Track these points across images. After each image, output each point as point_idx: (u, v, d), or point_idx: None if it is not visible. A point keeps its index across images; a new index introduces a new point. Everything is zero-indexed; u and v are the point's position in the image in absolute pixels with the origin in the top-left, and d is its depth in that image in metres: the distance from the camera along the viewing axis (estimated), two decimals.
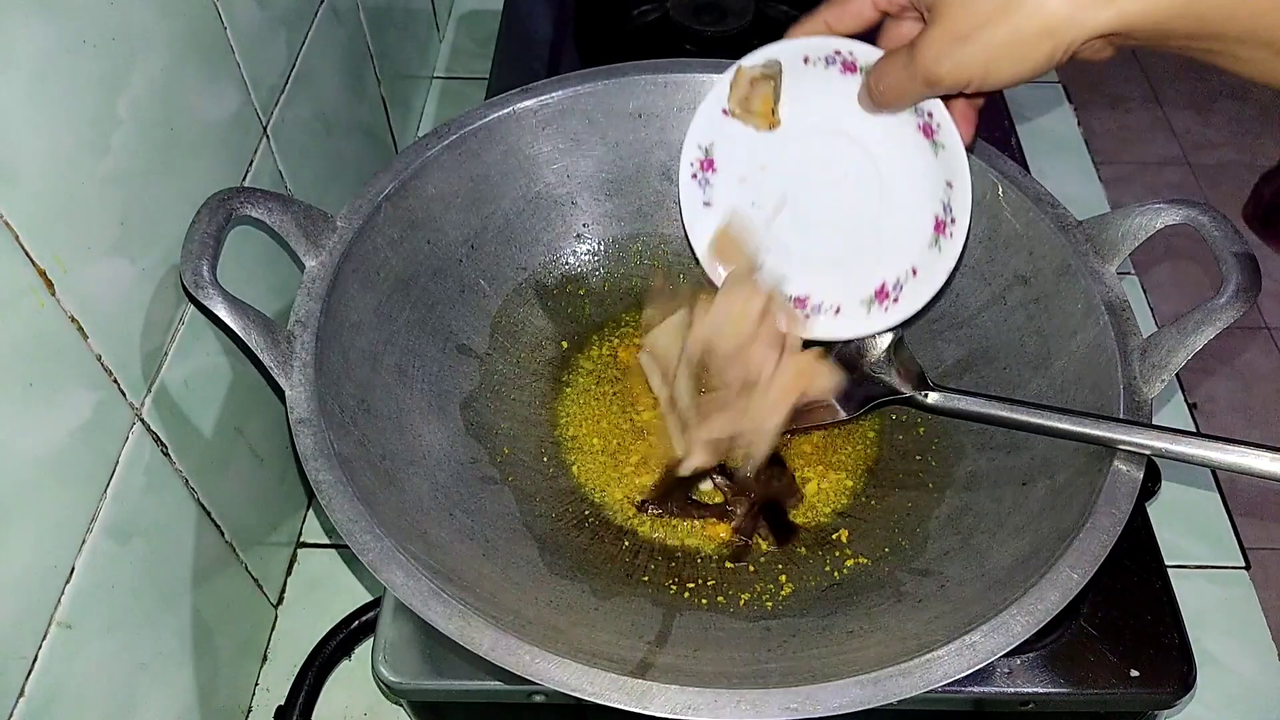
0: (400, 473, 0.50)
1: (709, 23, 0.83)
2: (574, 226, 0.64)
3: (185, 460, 0.48)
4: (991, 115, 0.78)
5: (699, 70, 0.62)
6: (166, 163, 0.46)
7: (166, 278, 0.46)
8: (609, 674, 0.40)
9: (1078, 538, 0.43)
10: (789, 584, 0.51)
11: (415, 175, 0.57)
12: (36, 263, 0.37)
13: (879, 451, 0.58)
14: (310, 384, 0.47)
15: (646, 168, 0.64)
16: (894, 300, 0.54)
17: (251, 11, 0.54)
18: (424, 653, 0.49)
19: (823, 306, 0.57)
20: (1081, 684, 0.49)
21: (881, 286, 0.55)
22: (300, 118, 0.61)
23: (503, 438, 0.57)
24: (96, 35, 0.40)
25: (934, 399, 0.53)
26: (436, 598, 0.42)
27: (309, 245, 0.52)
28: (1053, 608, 0.41)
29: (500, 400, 0.59)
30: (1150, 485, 0.61)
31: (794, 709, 0.39)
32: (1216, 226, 0.51)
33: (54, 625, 0.39)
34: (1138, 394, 0.49)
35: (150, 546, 0.45)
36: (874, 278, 0.55)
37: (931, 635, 0.42)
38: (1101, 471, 0.46)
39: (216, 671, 0.52)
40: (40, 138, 0.37)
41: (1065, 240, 0.54)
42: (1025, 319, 0.56)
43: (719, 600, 0.51)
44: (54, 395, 0.39)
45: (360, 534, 0.43)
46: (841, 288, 0.56)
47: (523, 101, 0.61)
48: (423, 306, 0.57)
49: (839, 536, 0.54)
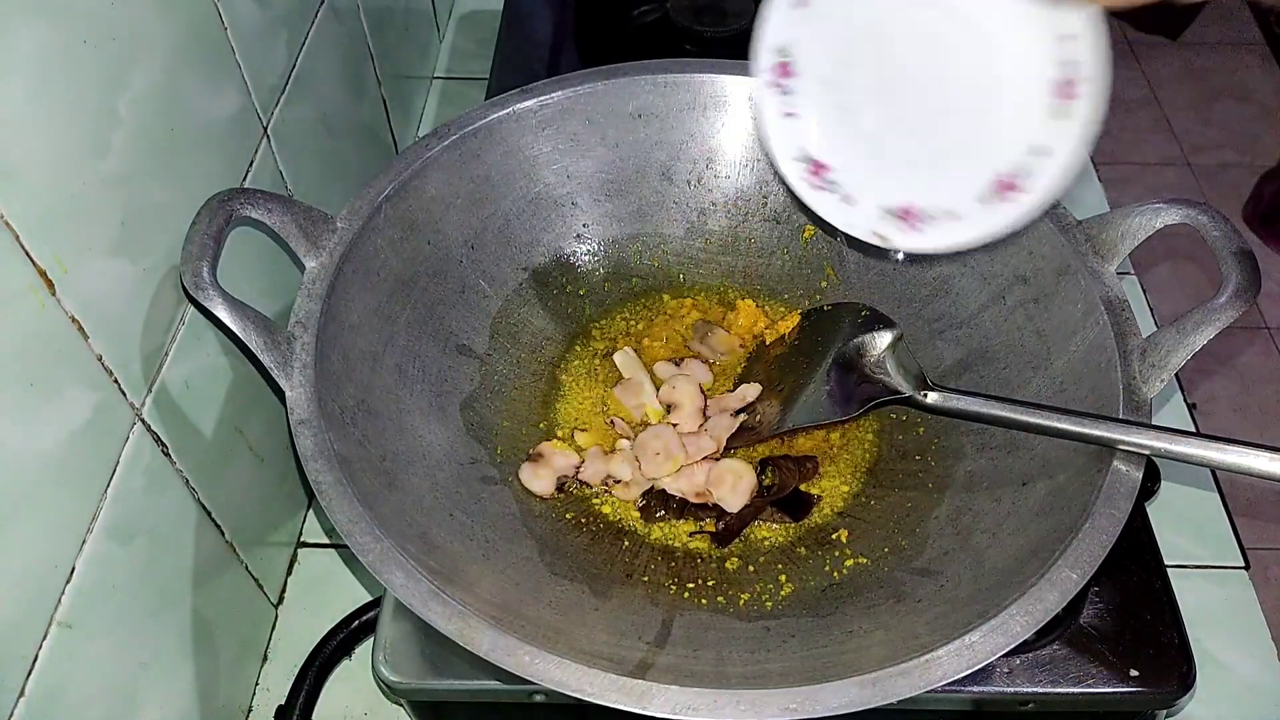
0: (400, 473, 0.50)
1: (709, 23, 0.83)
2: (574, 227, 0.64)
3: (185, 460, 0.48)
4: None
5: (699, 70, 0.62)
6: (167, 163, 0.46)
7: (167, 278, 0.46)
8: (608, 674, 0.40)
9: (1077, 538, 0.43)
10: (789, 584, 0.51)
11: (415, 176, 0.57)
12: (37, 263, 0.37)
13: (879, 451, 0.58)
14: (310, 385, 0.47)
15: (646, 168, 0.64)
16: (1020, 189, 0.48)
17: (252, 12, 0.54)
18: (424, 653, 0.49)
19: (935, 213, 0.51)
20: (1081, 684, 0.49)
21: (1000, 177, 0.48)
22: (300, 118, 0.61)
23: (503, 438, 0.57)
24: (96, 35, 0.40)
25: (933, 399, 0.53)
26: (436, 598, 0.42)
27: (309, 246, 0.52)
28: (1052, 608, 0.41)
29: (500, 400, 0.59)
30: (1150, 485, 0.61)
31: (793, 709, 0.39)
32: (1216, 226, 0.51)
33: (54, 625, 0.39)
34: (1137, 394, 0.49)
35: (150, 546, 0.46)
36: (989, 167, 0.49)
37: (931, 635, 0.42)
38: (1101, 472, 0.46)
39: (216, 671, 0.52)
40: (41, 138, 0.37)
41: (1065, 240, 0.54)
42: (1025, 319, 0.56)
43: (719, 600, 0.51)
44: (54, 395, 0.39)
45: (360, 535, 0.43)
46: (953, 187, 0.51)
47: (523, 102, 0.61)
48: (423, 307, 0.57)
49: (839, 536, 0.54)
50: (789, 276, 0.65)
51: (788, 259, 0.65)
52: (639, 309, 0.65)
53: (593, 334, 0.64)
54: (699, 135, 0.64)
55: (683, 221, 0.65)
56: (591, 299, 0.64)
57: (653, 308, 0.65)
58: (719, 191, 0.65)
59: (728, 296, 0.65)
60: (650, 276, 0.66)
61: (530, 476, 0.55)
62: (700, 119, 0.63)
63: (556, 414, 0.60)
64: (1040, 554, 0.44)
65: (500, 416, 0.58)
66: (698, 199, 0.65)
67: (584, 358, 0.62)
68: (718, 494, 0.55)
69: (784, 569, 0.52)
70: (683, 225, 0.66)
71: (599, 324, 0.64)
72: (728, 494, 0.55)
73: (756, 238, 0.65)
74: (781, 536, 0.54)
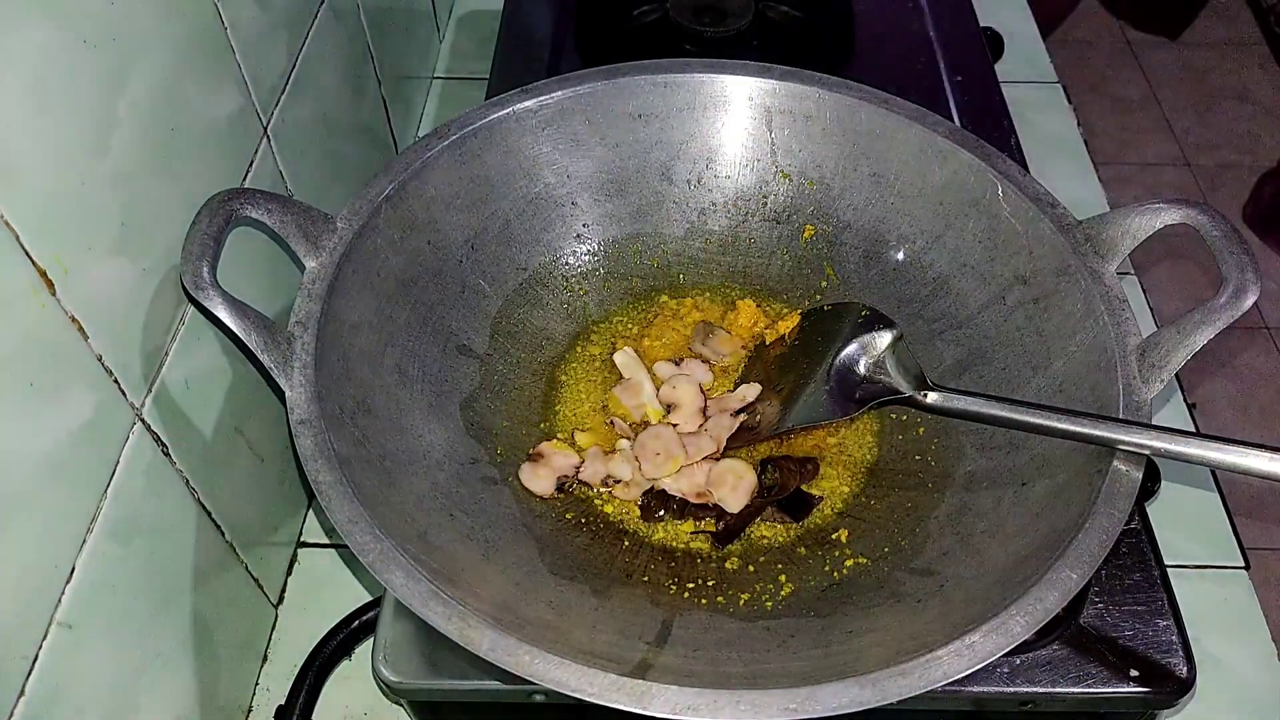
0: (400, 473, 0.50)
1: (709, 23, 0.83)
2: (574, 227, 0.64)
3: (185, 460, 0.48)
4: (991, 115, 0.78)
5: (699, 70, 0.62)
6: (167, 163, 0.46)
7: (167, 278, 0.46)
8: (608, 674, 0.40)
9: (1077, 538, 0.43)
10: (789, 584, 0.51)
11: (415, 176, 0.57)
12: (37, 263, 0.37)
13: (879, 452, 0.58)
14: (310, 385, 0.47)
15: (646, 168, 0.64)
16: None
17: (252, 12, 0.54)
18: (424, 653, 0.49)
19: None
20: (1081, 684, 0.49)
21: None
22: (301, 118, 0.61)
23: (503, 438, 0.57)
24: (96, 35, 0.40)
25: (933, 399, 0.53)
26: (436, 598, 0.42)
27: (309, 246, 0.52)
28: (1052, 608, 0.41)
29: (500, 400, 0.59)
30: (1150, 485, 0.61)
31: (793, 709, 0.39)
32: (1216, 226, 0.51)
33: (54, 625, 0.39)
34: (1137, 394, 0.49)
35: (151, 546, 0.46)
36: None
37: (931, 635, 0.42)
38: (1101, 472, 0.46)
39: (216, 671, 0.52)
40: (40, 138, 0.37)
41: (1065, 240, 0.54)
42: (1025, 319, 0.56)
43: (719, 600, 0.51)
44: (54, 395, 0.39)
45: (360, 535, 0.43)
46: None
47: (523, 102, 0.61)
48: (423, 307, 0.57)
49: (839, 536, 0.54)
50: (789, 276, 0.65)
51: (788, 259, 0.65)
52: (639, 309, 0.65)
53: (593, 334, 0.64)
54: (699, 135, 0.64)
55: (683, 221, 0.66)
56: (591, 299, 0.64)
57: (653, 308, 0.65)
58: (719, 191, 0.65)
59: (728, 296, 0.65)
60: (650, 276, 0.66)
61: (530, 476, 0.55)
62: (700, 119, 0.64)
63: (556, 414, 0.60)
64: (1040, 554, 0.44)
65: (500, 416, 0.58)
66: (698, 199, 0.65)
67: (584, 358, 0.62)
68: (718, 494, 0.55)
69: (784, 569, 0.52)
70: (683, 225, 0.66)
71: (599, 324, 0.64)
72: (728, 494, 0.55)
73: (756, 238, 0.65)
74: (782, 537, 0.54)
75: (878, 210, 0.62)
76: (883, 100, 0.61)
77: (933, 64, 0.82)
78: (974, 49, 0.85)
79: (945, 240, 0.60)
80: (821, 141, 0.63)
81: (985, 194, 0.57)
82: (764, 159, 0.64)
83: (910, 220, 0.61)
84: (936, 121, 0.60)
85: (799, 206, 0.64)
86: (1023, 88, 0.90)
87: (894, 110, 0.61)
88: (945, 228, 0.60)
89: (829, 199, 0.63)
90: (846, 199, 0.63)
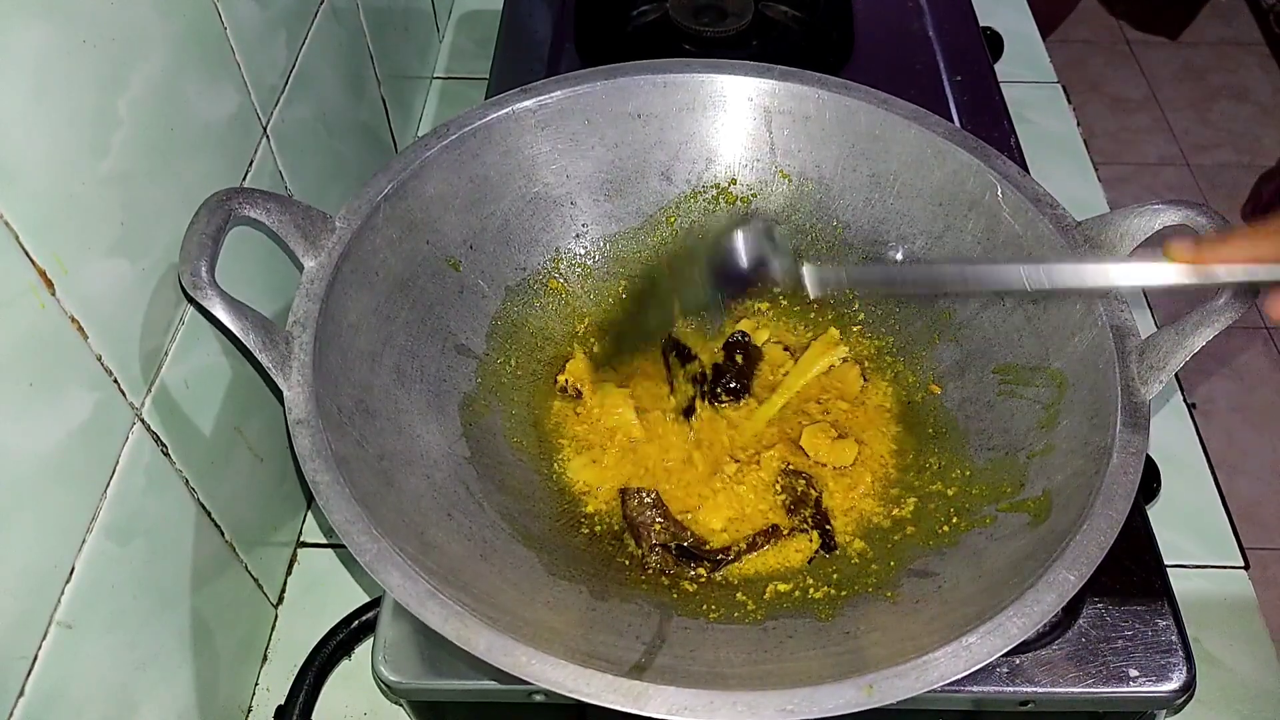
0: (398, 473, 0.50)
1: (709, 23, 0.83)
2: (573, 226, 0.64)
3: (185, 460, 0.48)
4: (991, 115, 0.78)
5: (699, 70, 0.62)
6: (166, 163, 0.46)
7: (166, 278, 0.46)
8: (606, 675, 0.40)
9: (1075, 539, 0.43)
10: (786, 585, 0.51)
11: (414, 176, 0.57)
12: (36, 263, 0.37)
13: (879, 452, 0.58)
14: (308, 385, 0.47)
15: (646, 168, 0.64)
16: None
17: (251, 12, 0.54)
18: (424, 653, 0.49)
19: None
20: (1081, 684, 0.49)
21: None
22: (300, 118, 0.61)
23: (501, 438, 0.57)
24: (96, 35, 0.40)
25: (812, 272, 0.47)
26: (434, 599, 0.42)
27: (308, 246, 0.52)
28: (1049, 609, 0.41)
29: (499, 400, 0.59)
30: (1150, 485, 0.61)
31: (791, 710, 0.39)
32: (1216, 227, 0.51)
33: (54, 625, 0.39)
34: (1136, 394, 0.49)
35: (150, 546, 0.46)
36: None
37: (928, 636, 0.42)
38: (1099, 473, 0.46)
39: (216, 671, 0.52)
40: (40, 138, 0.37)
41: (1064, 240, 0.54)
42: (1024, 319, 0.56)
43: (716, 601, 0.51)
44: (54, 395, 0.39)
45: (358, 535, 0.43)
46: None
47: (522, 102, 0.61)
48: (421, 307, 0.57)
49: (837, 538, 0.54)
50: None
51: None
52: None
53: (591, 334, 0.63)
54: (699, 135, 0.64)
55: (682, 221, 0.65)
56: (590, 299, 0.64)
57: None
58: (718, 191, 0.65)
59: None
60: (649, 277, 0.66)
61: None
62: (700, 119, 0.63)
63: (555, 414, 0.60)
64: (1038, 555, 0.44)
65: (499, 417, 0.58)
66: (697, 199, 0.65)
67: (583, 358, 0.62)
68: (709, 523, 0.54)
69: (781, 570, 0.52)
70: (682, 225, 0.65)
71: (598, 323, 0.64)
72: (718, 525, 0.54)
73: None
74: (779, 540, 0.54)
75: (877, 210, 0.62)
76: (882, 101, 0.61)
77: (933, 64, 0.82)
78: (974, 49, 0.85)
79: (945, 240, 0.60)
80: (821, 142, 0.63)
81: (984, 194, 0.57)
82: (764, 159, 0.64)
83: (909, 220, 0.61)
84: (936, 122, 0.60)
85: (798, 206, 0.64)
86: (1022, 88, 0.90)
87: (893, 111, 0.61)
88: (945, 228, 0.60)
89: (829, 199, 0.63)
90: (846, 199, 0.63)
